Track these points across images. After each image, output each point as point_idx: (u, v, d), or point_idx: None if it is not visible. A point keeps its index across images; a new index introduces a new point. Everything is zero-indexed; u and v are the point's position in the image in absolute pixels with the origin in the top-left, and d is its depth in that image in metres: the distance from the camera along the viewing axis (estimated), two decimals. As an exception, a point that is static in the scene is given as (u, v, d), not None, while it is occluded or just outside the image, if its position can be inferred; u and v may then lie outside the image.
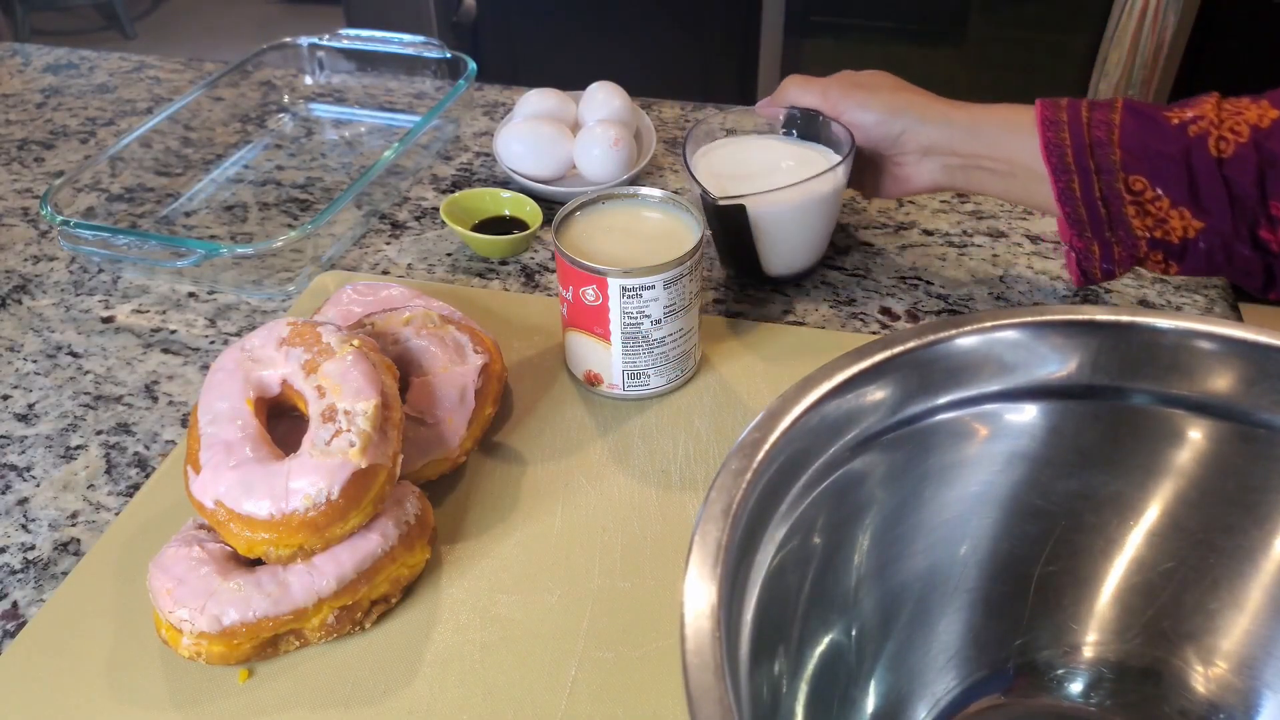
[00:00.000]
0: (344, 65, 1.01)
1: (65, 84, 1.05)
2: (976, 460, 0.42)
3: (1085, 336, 0.40)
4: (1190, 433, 0.41)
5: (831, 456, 0.38)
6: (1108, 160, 0.54)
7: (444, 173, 0.88)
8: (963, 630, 0.44)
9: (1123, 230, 0.56)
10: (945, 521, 0.42)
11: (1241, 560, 0.41)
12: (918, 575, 0.42)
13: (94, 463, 0.59)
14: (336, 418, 0.47)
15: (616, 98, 0.85)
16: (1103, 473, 0.42)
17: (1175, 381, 0.40)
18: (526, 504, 0.55)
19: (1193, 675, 0.42)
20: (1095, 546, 0.43)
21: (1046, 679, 0.44)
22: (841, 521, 0.39)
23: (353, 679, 0.46)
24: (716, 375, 0.63)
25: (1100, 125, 0.54)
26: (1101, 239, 0.57)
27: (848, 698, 0.41)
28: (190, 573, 0.46)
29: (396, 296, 0.61)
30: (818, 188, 0.64)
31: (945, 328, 0.39)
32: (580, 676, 0.46)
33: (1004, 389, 0.40)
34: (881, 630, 0.42)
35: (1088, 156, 0.54)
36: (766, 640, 0.35)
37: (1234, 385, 0.39)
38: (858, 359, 0.37)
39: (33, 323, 0.70)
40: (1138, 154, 0.53)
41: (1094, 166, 0.55)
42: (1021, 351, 0.40)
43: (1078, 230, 0.57)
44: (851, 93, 0.67)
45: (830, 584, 0.40)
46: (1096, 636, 0.44)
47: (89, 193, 0.84)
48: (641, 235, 0.60)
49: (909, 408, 0.40)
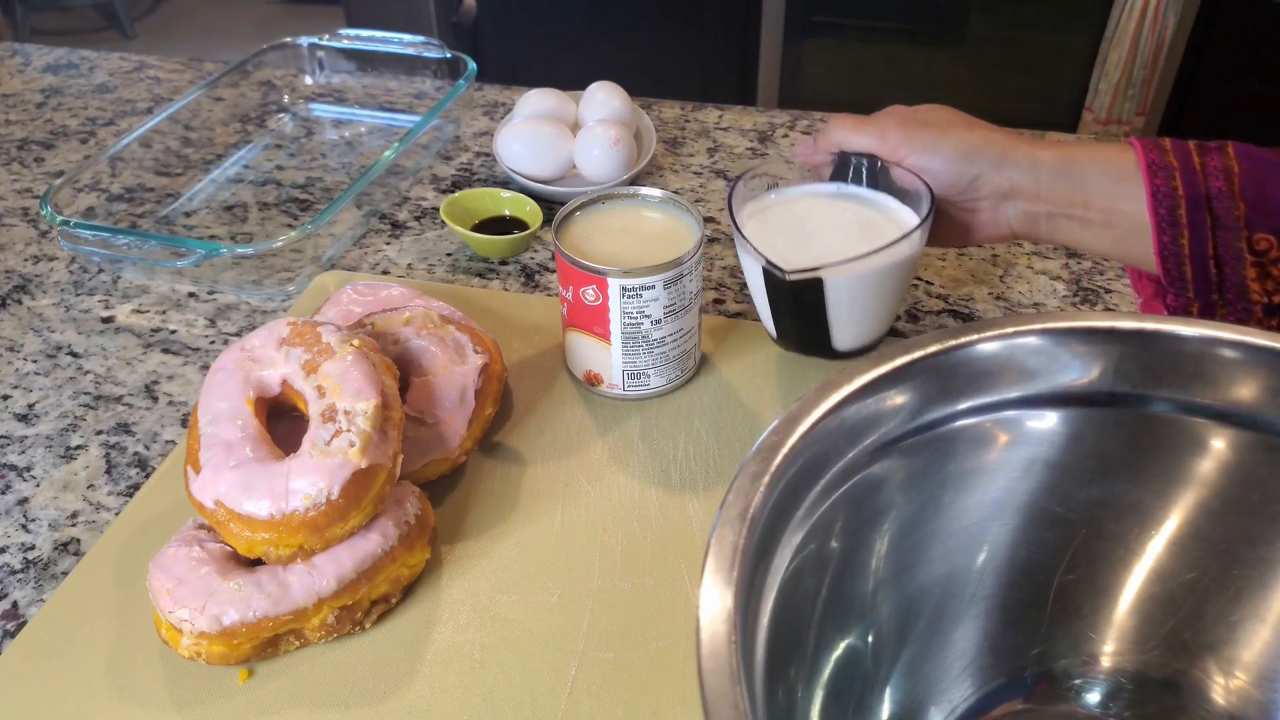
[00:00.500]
0: (344, 65, 1.01)
1: (65, 84, 1.05)
2: (996, 467, 0.41)
3: (1108, 344, 0.39)
4: (1213, 442, 0.40)
5: (850, 461, 0.37)
6: (1229, 215, 0.47)
7: (444, 173, 0.88)
8: (980, 638, 0.43)
9: (1234, 293, 0.49)
10: (964, 528, 0.42)
11: (1264, 571, 0.40)
12: (935, 581, 0.42)
13: (94, 463, 0.59)
14: (336, 418, 0.47)
15: (616, 98, 0.85)
16: (1124, 481, 0.42)
17: (1198, 390, 0.39)
18: (526, 504, 0.55)
19: (1212, 687, 0.42)
20: (1115, 555, 0.43)
21: (1065, 688, 0.44)
22: (859, 526, 0.39)
23: (353, 679, 0.46)
24: (716, 375, 0.63)
25: (1217, 174, 0.48)
26: (1206, 300, 0.50)
27: (863, 704, 0.41)
28: (190, 573, 0.46)
29: (396, 296, 0.61)
30: (900, 251, 0.55)
31: (967, 333, 0.38)
32: (580, 676, 0.46)
33: (1025, 395, 0.40)
34: (898, 636, 0.42)
35: (1204, 210, 0.48)
36: (782, 646, 0.35)
37: (1258, 394, 0.38)
38: (878, 363, 0.37)
39: (33, 323, 0.70)
40: (1262, 208, 0.47)
41: (1210, 221, 0.48)
42: (1043, 358, 0.39)
43: (1177, 290, 0.50)
44: (916, 133, 0.57)
45: (847, 589, 0.40)
46: (1115, 646, 0.43)
47: (89, 193, 0.84)
48: (641, 235, 0.60)
49: (929, 413, 0.39)
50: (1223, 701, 0.42)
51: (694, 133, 0.93)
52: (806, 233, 0.60)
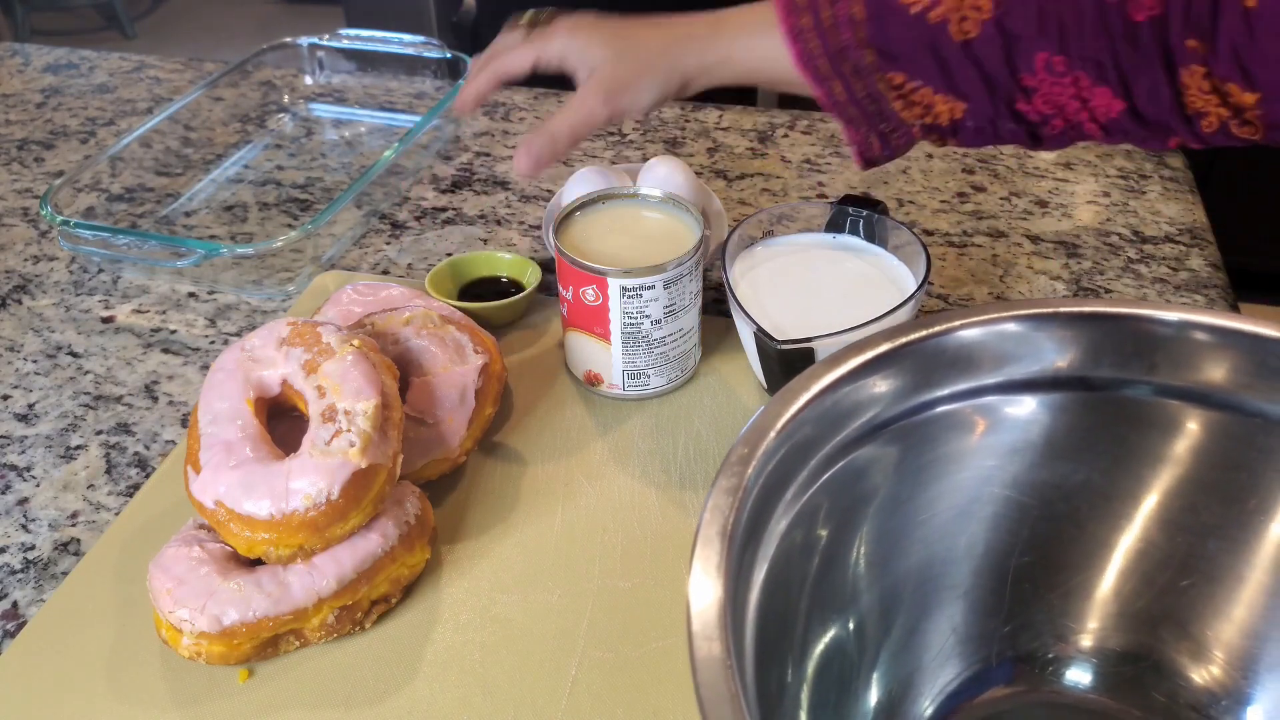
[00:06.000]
0: (344, 65, 1.01)
1: (65, 84, 1.05)
2: (977, 452, 0.42)
3: (1084, 329, 0.40)
4: (1187, 423, 0.41)
5: (836, 446, 0.38)
6: (862, 62, 0.52)
7: (444, 173, 0.88)
8: (964, 621, 0.44)
9: (894, 120, 0.54)
10: (948, 512, 0.43)
11: (1239, 550, 0.41)
12: (920, 565, 0.43)
13: (94, 463, 0.59)
14: (336, 418, 0.47)
15: (679, 174, 0.70)
16: (1101, 464, 0.43)
17: (1173, 373, 0.40)
18: (526, 504, 0.55)
19: (1189, 664, 0.43)
20: (1097, 537, 0.43)
21: (1048, 668, 0.45)
22: (846, 510, 0.40)
23: (353, 679, 0.46)
24: (716, 375, 0.63)
25: (845, 26, 0.52)
26: (878, 131, 0.55)
27: (852, 688, 0.42)
28: (190, 573, 0.46)
29: (396, 296, 0.61)
30: (893, 321, 0.54)
31: (948, 319, 0.39)
32: (580, 676, 0.46)
33: (1003, 381, 0.41)
34: (884, 620, 0.43)
35: (843, 62, 0.53)
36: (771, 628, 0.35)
37: (1232, 377, 0.39)
38: (865, 348, 0.38)
39: (33, 323, 0.70)
40: (887, 51, 0.52)
41: (849, 70, 0.53)
42: (1021, 343, 0.40)
43: (854, 126, 0.55)
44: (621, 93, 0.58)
45: (834, 573, 0.40)
46: (1096, 626, 0.44)
47: (89, 193, 0.84)
48: (641, 235, 0.60)
49: (912, 399, 0.40)
50: (1199, 679, 0.43)
51: (694, 133, 0.93)
52: (800, 290, 0.60)
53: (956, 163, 0.88)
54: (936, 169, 0.87)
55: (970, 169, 0.87)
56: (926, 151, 0.89)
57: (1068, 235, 0.78)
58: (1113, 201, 0.82)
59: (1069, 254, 0.75)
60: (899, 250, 0.60)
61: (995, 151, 0.89)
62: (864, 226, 0.62)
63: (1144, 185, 0.84)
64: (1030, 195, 0.83)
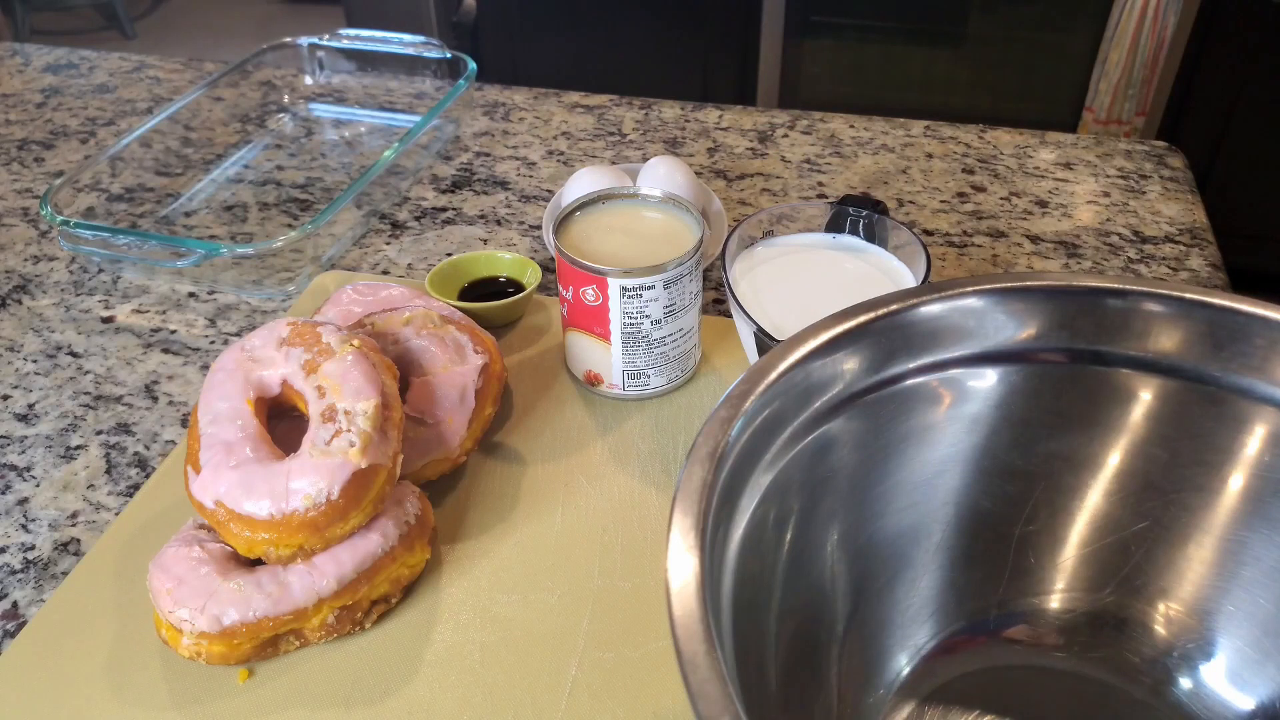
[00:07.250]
0: (344, 65, 1.01)
1: (65, 84, 1.05)
2: (943, 423, 0.44)
3: (1042, 302, 0.41)
4: (1143, 393, 0.43)
5: (809, 417, 0.39)
6: None
7: (444, 173, 0.88)
8: (939, 587, 0.45)
9: None
10: (919, 482, 0.44)
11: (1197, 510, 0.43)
12: (894, 534, 0.44)
13: (94, 463, 0.59)
14: (336, 418, 0.47)
15: (679, 173, 0.72)
16: (1063, 433, 0.44)
17: (1128, 343, 0.42)
18: (526, 504, 0.55)
19: (1155, 622, 0.45)
20: (1060, 503, 0.45)
21: (1018, 629, 0.46)
22: (817, 483, 0.41)
23: (353, 679, 0.46)
24: (716, 375, 0.63)
25: None
26: None
27: (829, 651, 0.43)
28: (190, 573, 0.46)
29: (396, 296, 0.61)
30: None
31: (916, 294, 0.41)
32: (580, 676, 0.46)
33: (967, 354, 0.42)
34: (859, 586, 0.44)
35: None
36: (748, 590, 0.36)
37: (1187, 347, 0.41)
38: (839, 321, 0.39)
39: (33, 323, 0.71)
40: None
41: None
42: (983, 318, 0.42)
43: None
44: None
45: (808, 543, 0.41)
46: (1063, 588, 0.46)
47: (89, 193, 0.84)
48: (641, 235, 0.60)
49: (881, 372, 0.41)
50: (1165, 633, 0.44)
51: (694, 133, 0.93)
52: (800, 290, 0.59)
53: (956, 163, 0.88)
54: (936, 169, 0.87)
55: (970, 169, 0.87)
56: (926, 151, 0.89)
57: (1068, 235, 0.78)
58: (1113, 201, 0.82)
59: (1069, 254, 0.75)
60: (899, 250, 0.60)
61: (995, 151, 0.89)
62: (864, 226, 0.62)
63: (1144, 185, 0.84)
64: (1030, 195, 0.83)
